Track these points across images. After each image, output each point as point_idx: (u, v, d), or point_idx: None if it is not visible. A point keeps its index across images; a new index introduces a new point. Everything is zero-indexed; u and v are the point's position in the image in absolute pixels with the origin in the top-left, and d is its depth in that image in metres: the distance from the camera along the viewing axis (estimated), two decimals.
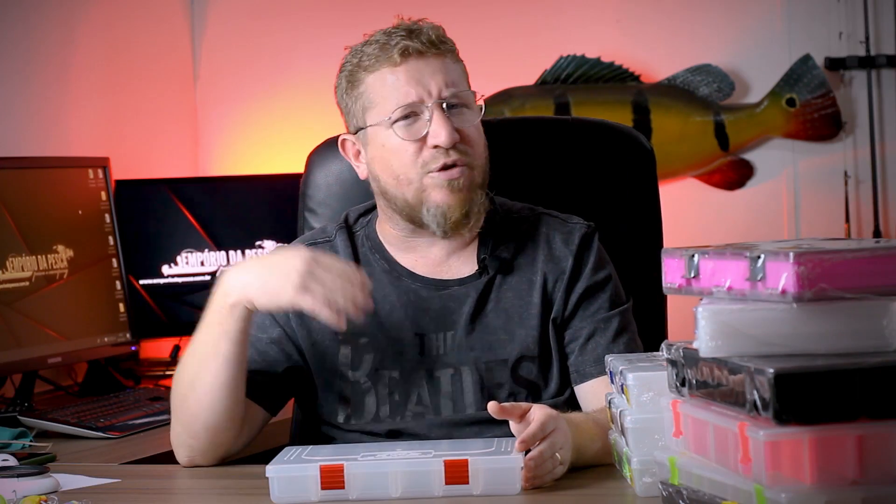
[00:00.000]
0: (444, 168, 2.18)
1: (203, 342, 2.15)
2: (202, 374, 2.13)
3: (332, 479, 1.90)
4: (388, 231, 2.29)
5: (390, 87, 2.19)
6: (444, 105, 2.18)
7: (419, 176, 2.19)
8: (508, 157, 2.52)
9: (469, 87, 2.24)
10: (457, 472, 1.89)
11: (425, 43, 2.19)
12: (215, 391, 2.13)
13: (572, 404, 2.21)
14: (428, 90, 2.18)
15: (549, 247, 2.27)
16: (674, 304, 2.46)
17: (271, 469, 1.91)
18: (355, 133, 2.26)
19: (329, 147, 2.59)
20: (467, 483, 1.89)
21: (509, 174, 2.51)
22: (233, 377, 2.13)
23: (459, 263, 2.27)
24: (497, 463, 1.89)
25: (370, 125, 2.22)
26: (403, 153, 2.19)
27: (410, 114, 2.18)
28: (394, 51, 2.18)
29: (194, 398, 2.14)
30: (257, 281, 2.10)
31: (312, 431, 2.29)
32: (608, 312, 2.25)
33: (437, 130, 2.17)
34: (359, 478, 1.90)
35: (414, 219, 2.22)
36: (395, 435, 2.21)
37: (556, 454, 1.93)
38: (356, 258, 2.29)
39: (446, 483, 1.89)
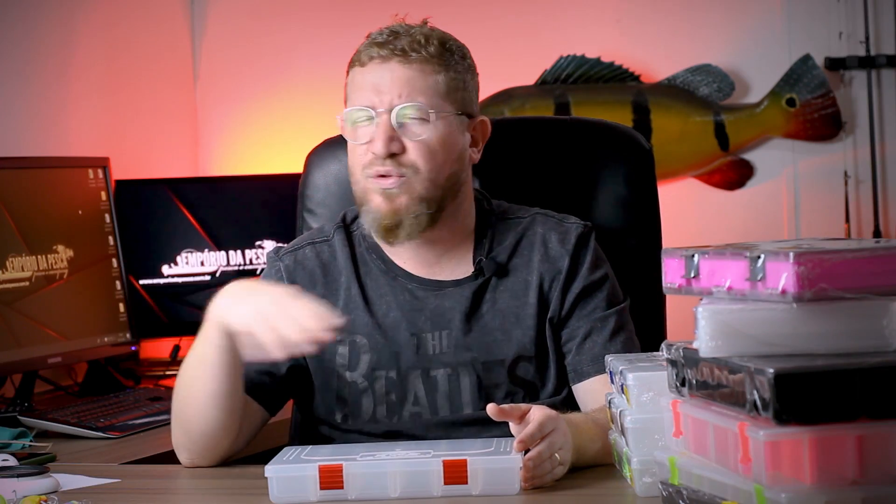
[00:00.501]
0: (379, 176, 2.19)
1: (195, 351, 2.16)
2: (195, 382, 2.15)
3: (330, 479, 1.90)
4: None
5: (356, 86, 2.23)
6: (394, 115, 2.18)
7: (363, 176, 2.21)
8: (508, 157, 2.52)
9: (449, 99, 2.21)
10: (456, 473, 1.89)
11: (395, 49, 2.19)
12: (208, 400, 2.13)
13: (570, 404, 2.21)
14: (380, 97, 2.19)
15: (545, 247, 2.27)
16: (673, 304, 2.46)
17: (270, 469, 1.91)
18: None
19: (328, 147, 2.59)
20: (466, 483, 1.89)
21: (509, 174, 2.51)
22: (224, 386, 2.13)
23: (455, 264, 2.27)
24: (496, 463, 1.89)
25: (342, 117, 2.25)
26: (353, 152, 2.23)
27: (367, 117, 2.20)
28: (365, 52, 2.21)
29: (190, 406, 2.16)
30: (231, 300, 2.10)
31: (311, 431, 2.29)
32: (605, 311, 2.25)
33: (375, 139, 2.18)
34: (357, 478, 1.90)
35: (362, 216, 2.24)
36: (392, 435, 2.21)
37: (556, 454, 1.93)
38: (353, 257, 2.30)
39: (445, 483, 1.89)
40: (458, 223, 2.27)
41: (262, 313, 2.03)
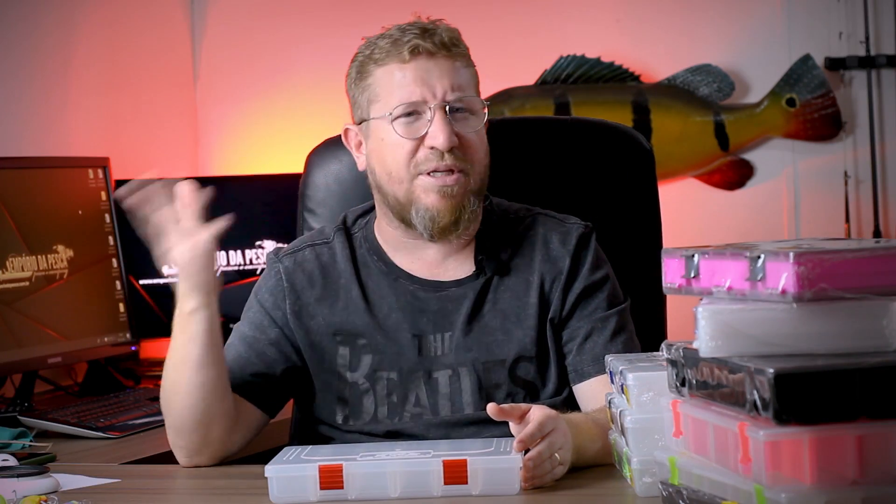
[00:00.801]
0: (437, 172, 2.18)
1: (174, 348, 2.17)
2: (178, 378, 2.15)
3: (330, 479, 1.90)
4: (386, 231, 2.29)
5: (397, 83, 2.20)
6: (447, 108, 2.18)
7: (410, 176, 2.19)
8: (508, 157, 2.52)
9: (477, 93, 2.25)
10: (456, 473, 1.89)
11: (437, 44, 2.19)
12: (193, 393, 2.14)
13: (571, 404, 2.21)
14: (433, 91, 2.18)
15: (546, 247, 2.27)
16: (674, 304, 2.46)
17: (270, 469, 1.91)
18: (359, 124, 2.27)
19: (328, 147, 2.59)
20: (466, 483, 1.89)
21: (509, 174, 2.51)
22: (209, 378, 2.14)
23: (457, 265, 2.27)
24: (496, 463, 1.89)
25: (373, 118, 2.22)
26: (399, 150, 2.20)
27: (413, 112, 2.19)
28: (405, 47, 2.19)
29: (176, 401, 2.16)
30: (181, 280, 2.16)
31: (311, 432, 2.29)
32: (606, 312, 2.25)
33: (436, 132, 2.17)
34: (357, 478, 1.90)
35: (404, 218, 2.22)
36: (393, 435, 2.21)
37: (556, 454, 1.93)
38: (354, 260, 2.29)
39: (445, 483, 1.89)
40: None
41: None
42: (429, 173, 2.18)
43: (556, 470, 1.94)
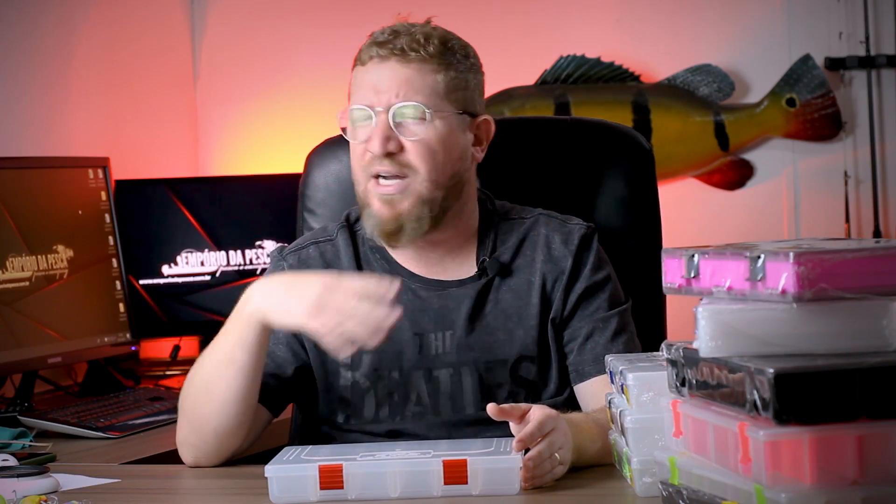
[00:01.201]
0: (379, 177, 2.19)
1: (220, 349, 2.14)
2: (216, 380, 2.13)
3: (330, 479, 1.90)
4: None
5: (356, 85, 2.23)
6: (392, 113, 2.18)
7: (365, 178, 2.21)
8: (508, 157, 2.51)
9: (445, 98, 2.21)
10: (455, 473, 1.89)
11: (394, 49, 2.19)
12: (228, 398, 2.12)
13: (572, 404, 2.21)
14: (378, 96, 2.19)
15: (548, 248, 2.27)
16: (674, 304, 2.46)
17: (270, 469, 1.91)
18: None
19: (328, 147, 2.59)
20: (466, 483, 1.89)
21: (509, 174, 2.51)
22: (246, 386, 2.12)
23: (458, 264, 2.27)
24: (496, 463, 1.89)
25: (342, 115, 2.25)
26: (354, 152, 2.23)
27: (366, 116, 2.20)
28: (366, 51, 2.21)
29: (207, 403, 2.14)
30: (276, 297, 2.09)
31: (312, 431, 2.29)
32: (607, 312, 2.25)
33: (372, 137, 2.18)
34: (357, 478, 1.90)
35: (363, 218, 2.24)
36: (394, 435, 2.21)
37: (556, 454, 1.93)
38: (357, 257, 2.30)
39: (445, 483, 1.89)
40: (461, 223, 2.27)
41: (321, 306, 2.03)
42: (376, 178, 2.19)
43: (557, 470, 1.94)
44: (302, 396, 2.30)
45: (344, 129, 2.28)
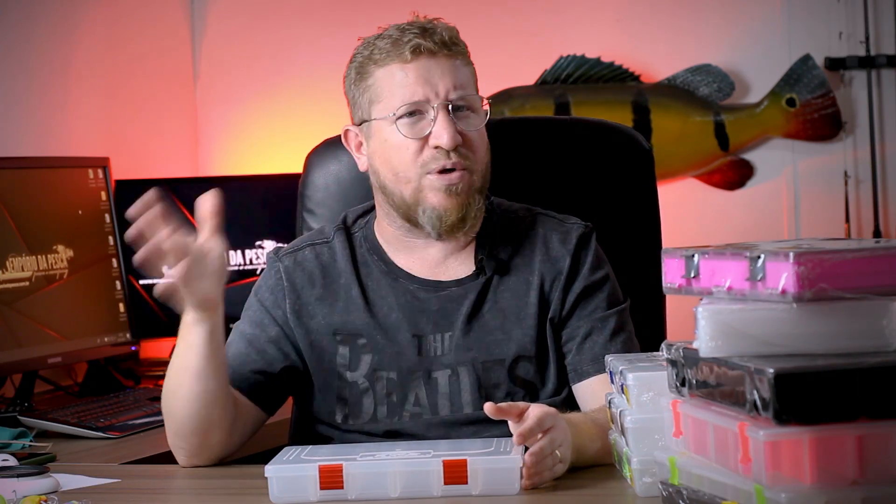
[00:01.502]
0: (443, 171, 2.18)
1: (176, 354, 2.16)
2: (179, 386, 2.15)
3: (330, 479, 1.90)
4: (386, 231, 2.29)
5: (398, 83, 2.20)
6: (450, 107, 2.19)
7: (418, 175, 2.19)
8: (508, 157, 2.52)
9: (477, 91, 2.26)
10: (456, 473, 1.89)
11: (437, 43, 2.19)
12: (192, 401, 2.14)
13: (570, 404, 2.21)
14: (435, 90, 2.18)
15: (546, 247, 2.27)
16: (673, 304, 2.46)
17: (270, 469, 1.91)
18: (359, 125, 2.27)
19: (327, 147, 2.59)
20: (466, 483, 1.89)
21: (509, 174, 2.51)
22: (208, 388, 2.13)
23: (457, 264, 2.27)
24: (496, 463, 1.89)
25: (375, 119, 2.22)
26: (405, 151, 2.20)
27: (415, 112, 2.19)
28: (406, 47, 2.19)
29: (177, 406, 2.16)
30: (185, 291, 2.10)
31: (311, 431, 2.29)
32: (605, 312, 2.25)
33: (440, 131, 2.17)
34: (357, 478, 1.90)
35: (410, 218, 2.22)
36: (392, 435, 2.21)
37: (556, 451, 1.93)
38: (354, 259, 2.29)
39: (445, 483, 1.89)
40: None
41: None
42: (436, 172, 2.18)
43: (557, 468, 1.94)
44: (299, 395, 2.31)
45: (347, 135, 2.27)
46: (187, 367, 2.13)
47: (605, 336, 2.23)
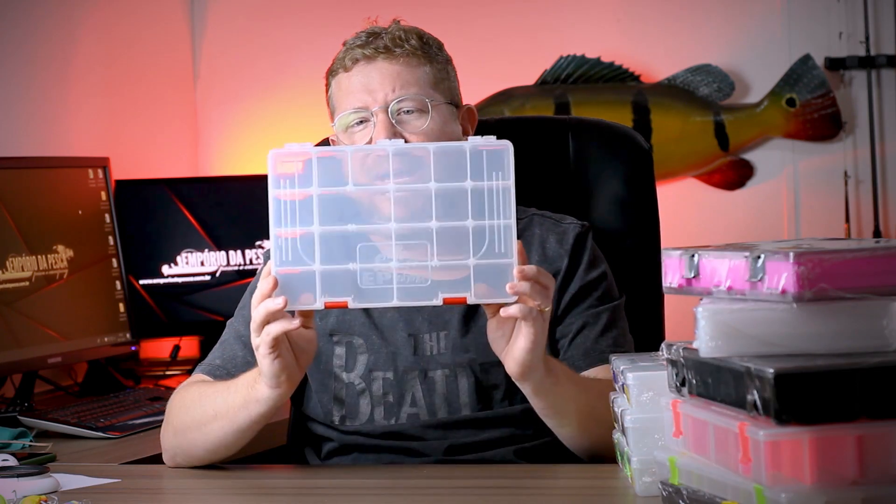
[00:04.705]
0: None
1: (226, 399, 2.09)
2: (211, 423, 2.10)
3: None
4: None
5: (343, 91, 2.22)
6: (390, 110, 2.18)
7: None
8: None
9: (440, 90, 2.22)
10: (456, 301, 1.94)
11: (378, 48, 2.19)
12: (218, 442, 2.11)
13: None
14: (373, 96, 2.18)
15: (542, 248, 2.27)
16: (673, 304, 2.46)
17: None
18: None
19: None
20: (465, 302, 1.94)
21: None
22: (240, 440, 2.10)
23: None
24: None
25: (335, 127, 2.24)
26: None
27: (362, 119, 2.19)
28: (346, 57, 2.21)
29: (201, 438, 2.13)
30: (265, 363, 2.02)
31: (309, 432, 2.29)
32: (598, 308, 2.24)
33: (377, 136, 2.17)
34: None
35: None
36: (390, 436, 2.20)
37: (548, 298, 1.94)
38: None
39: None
40: None
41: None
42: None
43: (542, 319, 1.94)
44: (297, 396, 2.30)
45: (333, 142, 2.28)
46: (234, 419, 2.07)
47: (597, 331, 2.22)
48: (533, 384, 2.01)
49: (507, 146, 1.95)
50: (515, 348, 1.96)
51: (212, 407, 2.11)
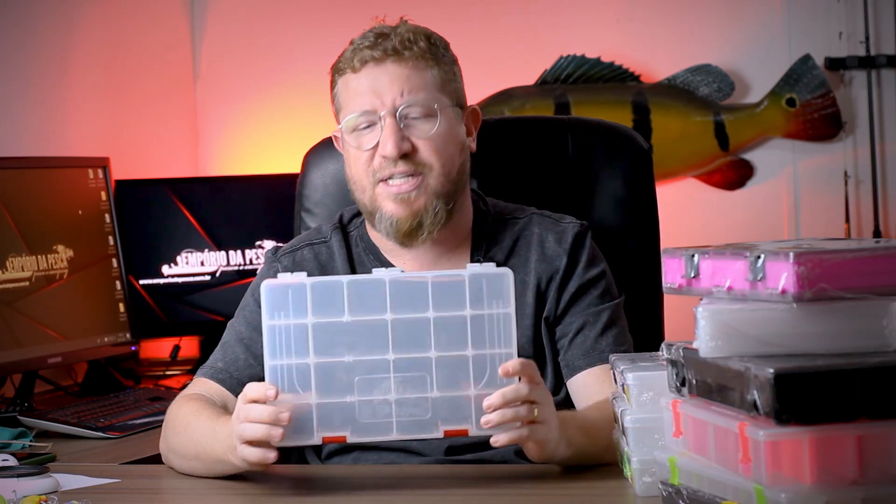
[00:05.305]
0: (392, 178, 2.18)
1: (207, 450, 2.07)
2: (195, 465, 2.11)
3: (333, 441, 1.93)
4: (373, 232, 2.29)
5: (351, 92, 2.21)
6: (398, 114, 2.18)
7: (371, 184, 2.20)
8: (508, 156, 2.51)
9: (445, 92, 2.22)
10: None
11: (387, 50, 2.19)
12: (203, 475, 2.11)
13: (569, 404, 2.21)
14: (381, 99, 2.18)
15: (541, 247, 2.27)
16: (673, 304, 2.46)
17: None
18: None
19: (325, 147, 2.59)
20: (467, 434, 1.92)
21: (509, 174, 2.51)
22: (221, 475, 2.09)
23: (451, 265, 2.26)
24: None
25: (341, 127, 2.24)
26: (358, 160, 2.21)
27: (369, 122, 2.19)
28: (355, 57, 2.20)
29: (186, 466, 2.13)
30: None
31: None
32: (598, 307, 2.24)
33: (384, 141, 2.17)
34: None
35: (373, 224, 2.23)
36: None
37: (533, 402, 1.91)
38: (350, 258, 2.29)
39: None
40: (458, 221, 2.27)
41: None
42: (385, 181, 2.18)
43: (537, 429, 1.92)
44: None
45: (336, 140, 2.28)
46: (210, 466, 2.07)
47: (597, 330, 2.22)
48: (558, 462, 2.01)
49: (507, 273, 1.93)
50: (528, 451, 1.97)
51: (193, 446, 2.10)
